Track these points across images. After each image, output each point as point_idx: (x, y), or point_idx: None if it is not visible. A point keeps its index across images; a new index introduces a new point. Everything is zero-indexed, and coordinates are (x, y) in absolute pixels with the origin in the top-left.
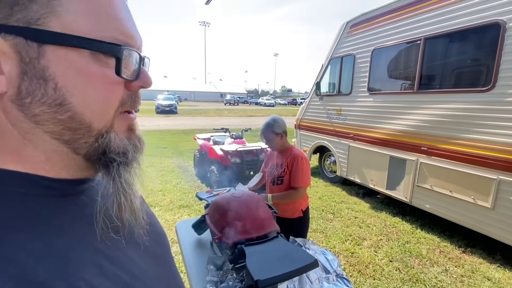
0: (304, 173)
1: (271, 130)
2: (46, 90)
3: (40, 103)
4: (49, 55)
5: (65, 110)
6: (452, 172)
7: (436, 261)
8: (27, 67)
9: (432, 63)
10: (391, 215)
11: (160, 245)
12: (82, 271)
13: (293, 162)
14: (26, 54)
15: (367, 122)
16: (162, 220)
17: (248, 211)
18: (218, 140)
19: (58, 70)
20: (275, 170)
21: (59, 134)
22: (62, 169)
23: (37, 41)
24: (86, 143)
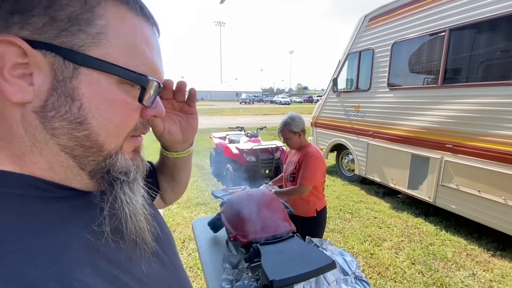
0: (310, 171)
1: (288, 129)
2: (70, 108)
3: (62, 118)
4: (82, 77)
5: (84, 128)
6: (480, 171)
7: (463, 265)
8: (59, 84)
9: (458, 56)
10: (413, 215)
11: (165, 246)
12: (78, 272)
13: (303, 159)
14: (60, 73)
15: (387, 119)
16: (179, 217)
17: (262, 209)
18: (233, 138)
19: (86, 92)
20: (289, 167)
21: (70, 149)
22: (63, 179)
23: (74, 62)
24: (94, 161)
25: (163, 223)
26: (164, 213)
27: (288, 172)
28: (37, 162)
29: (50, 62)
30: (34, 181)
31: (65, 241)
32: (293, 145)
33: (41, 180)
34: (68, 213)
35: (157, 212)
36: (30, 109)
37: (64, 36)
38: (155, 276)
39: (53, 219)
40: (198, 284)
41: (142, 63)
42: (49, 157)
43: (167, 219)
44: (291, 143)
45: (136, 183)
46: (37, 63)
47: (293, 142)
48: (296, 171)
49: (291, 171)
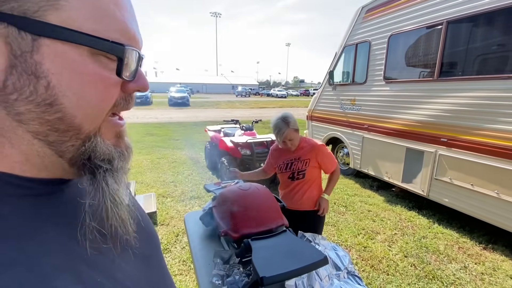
0: (331, 156)
1: (293, 128)
2: (36, 88)
3: (27, 101)
4: (44, 50)
5: (55, 110)
6: (474, 165)
7: (455, 258)
8: (17, 60)
9: (455, 49)
10: (406, 209)
11: (150, 245)
12: (56, 279)
13: (316, 154)
14: (17, 47)
15: (382, 112)
16: (173, 210)
17: (254, 204)
18: (228, 132)
19: (52, 68)
20: (291, 165)
21: (44, 135)
22: (42, 170)
23: (32, 33)
24: (72, 146)
25: (147, 221)
26: (158, 207)
27: (294, 170)
28: (10, 155)
29: (2, 35)
30: (5, 176)
31: (42, 246)
32: (296, 143)
33: (14, 175)
34: (46, 213)
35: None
36: None
37: (13, 0)
38: (140, 279)
39: (29, 221)
40: (191, 278)
41: (114, 28)
42: (22, 147)
43: (161, 212)
44: (295, 142)
45: (121, 173)
46: None
47: (297, 140)
48: (307, 166)
49: (300, 168)
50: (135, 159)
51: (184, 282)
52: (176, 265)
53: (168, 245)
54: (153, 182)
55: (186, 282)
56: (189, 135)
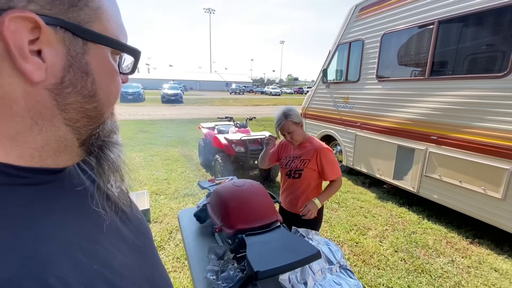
0: (335, 163)
1: (290, 120)
2: (85, 83)
3: (77, 94)
4: (91, 52)
5: (94, 101)
6: (462, 162)
7: (443, 252)
8: (73, 60)
9: (446, 48)
10: (397, 205)
11: (142, 236)
12: (53, 267)
13: (319, 156)
14: (73, 49)
15: (375, 110)
16: (167, 208)
17: (249, 200)
18: (222, 129)
19: (95, 66)
20: (291, 162)
21: (74, 121)
22: (50, 156)
23: (83, 38)
24: (91, 129)
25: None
26: (151, 204)
27: (292, 168)
28: (31, 142)
29: (61, 38)
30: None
31: (41, 233)
32: (297, 138)
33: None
34: (42, 203)
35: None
36: (42, 87)
37: (72, 11)
38: (135, 268)
39: (25, 210)
40: (186, 275)
41: (124, 34)
42: (48, 133)
43: (154, 210)
44: (295, 136)
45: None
46: (47, 39)
47: (298, 134)
48: (305, 167)
49: (298, 167)
50: (128, 156)
51: (178, 279)
52: (170, 262)
53: (161, 243)
54: (146, 180)
55: (180, 279)
56: (182, 132)
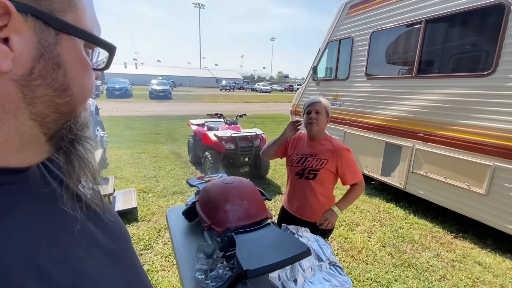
0: (354, 165)
1: (325, 107)
2: (57, 75)
3: (47, 87)
4: (64, 43)
5: (66, 95)
6: (447, 159)
7: (428, 246)
8: (45, 50)
9: (433, 47)
10: (385, 201)
11: (119, 239)
12: (12, 279)
13: (340, 158)
14: (45, 39)
15: (363, 108)
16: (155, 206)
17: (238, 197)
18: (212, 125)
19: (68, 59)
20: (305, 160)
21: (43, 116)
22: (11, 153)
23: (55, 28)
24: (63, 123)
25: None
26: (139, 202)
27: (306, 167)
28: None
29: (32, 26)
30: None
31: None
32: (319, 126)
33: None
34: (7, 203)
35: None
36: (8, 77)
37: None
38: (111, 275)
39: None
40: (174, 274)
41: (98, 29)
42: (10, 129)
43: (142, 208)
44: (320, 120)
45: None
46: (16, 27)
47: (322, 121)
48: (322, 167)
49: (313, 166)
50: (114, 153)
51: (166, 278)
52: (159, 261)
53: (149, 241)
54: (133, 177)
55: (169, 278)
56: (171, 129)
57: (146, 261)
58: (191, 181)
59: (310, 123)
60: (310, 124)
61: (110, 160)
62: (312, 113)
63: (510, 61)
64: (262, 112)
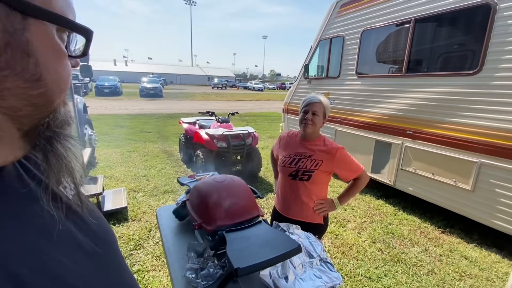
0: (351, 161)
1: (323, 107)
2: (27, 65)
3: (17, 77)
4: (33, 29)
5: (40, 86)
6: (435, 156)
7: (417, 242)
8: (12, 38)
9: (422, 46)
10: (375, 198)
11: (103, 242)
12: None
13: (335, 158)
14: (10, 24)
15: (354, 106)
16: (145, 205)
17: (229, 195)
18: (204, 124)
19: (39, 46)
20: (298, 161)
21: (15, 110)
22: None
23: (22, 13)
24: (38, 118)
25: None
26: (129, 202)
27: (300, 168)
28: None
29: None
30: None
31: None
32: (315, 126)
33: None
34: None
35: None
36: None
37: None
38: (94, 279)
39: None
40: (165, 273)
41: (72, 13)
42: None
43: (133, 208)
44: (317, 121)
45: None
46: None
47: (318, 122)
48: (316, 169)
49: (307, 167)
50: (103, 152)
51: (157, 277)
52: (149, 261)
53: (140, 241)
54: (123, 177)
55: (160, 278)
56: (162, 127)
57: (137, 261)
58: (181, 180)
59: (305, 123)
60: (304, 125)
61: (99, 159)
62: (309, 114)
63: (495, 60)
64: (254, 110)
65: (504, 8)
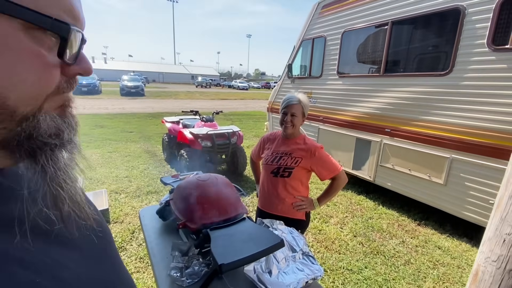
0: (328, 160)
1: (302, 107)
2: None
3: None
4: None
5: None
6: (411, 152)
7: (395, 234)
8: None
9: (398, 47)
10: (356, 193)
11: (100, 240)
12: None
13: (314, 156)
14: None
15: (336, 105)
16: (128, 207)
17: (213, 194)
18: (187, 123)
19: None
20: (279, 159)
21: None
22: None
23: None
24: (4, 128)
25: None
26: (111, 204)
27: (281, 165)
28: None
29: None
30: None
31: None
32: (294, 126)
33: None
34: None
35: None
36: None
37: None
38: (91, 278)
39: None
40: (149, 275)
41: (58, 5)
42: None
43: (114, 209)
44: (296, 122)
45: (71, 145)
46: None
47: (298, 123)
48: (296, 165)
49: (287, 164)
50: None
51: (142, 279)
52: (133, 263)
53: (123, 243)
54: (104, 178)
55: (144, 279)
56: (144, 127)
57: None
58: (165, 180)
59: (285, 126)
60: (284, 127)
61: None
62: (288, 116)
63: (465, 61)
64: (239, 109)
65: (472, 13)
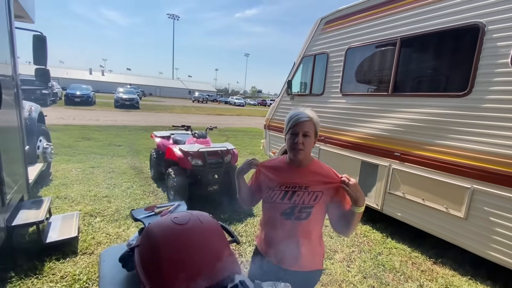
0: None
1: (314, 124)
2: None
3: None
4: None
5: None
6: (425, 180)
7: (410, 275)
8: None
9: (408, 65)
10: (361, 222)
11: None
12: None
13: (339, 189)
14: None
15: (339, 124)
16: (102, 234)
17: (193, 247)
18: (178, 138)
19: None
20: (293, 194)
21: None
22: None
23: None
24: None
25: None
26: (83, 229)
27: (297, 204)
28: None
29: None
30: None
31: None
32: (306, 148)
33: None
34: None
35: None
36: None
37: None
38: None
39: None
40: None
41: None
42: None
43: (85, 237)
44: (307, 144)
45: None
46: None
47: (310, 145)
48: (316, 203)
49: (307, 202)
50: (62, 168)
51: None
52: None
53: (88, 283)
54: (80, 197)
55: None
56: (134, 140)
57: None
58: (135, 213)
59: (295, 149)
60: (295, 150)
61: (55, 176)
62: (299, 137)
63: (486, 82)
64: (235, 125)
65: (493, 30)
